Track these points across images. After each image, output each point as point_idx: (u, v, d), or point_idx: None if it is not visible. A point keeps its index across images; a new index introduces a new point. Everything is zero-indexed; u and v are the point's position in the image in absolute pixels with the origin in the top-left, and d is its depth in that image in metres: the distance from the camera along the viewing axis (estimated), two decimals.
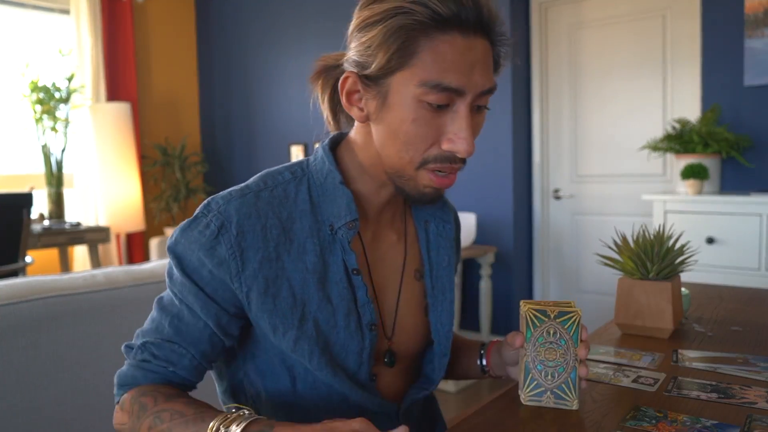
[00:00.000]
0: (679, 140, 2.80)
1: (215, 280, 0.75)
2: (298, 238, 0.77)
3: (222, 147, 4.96)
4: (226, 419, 0.66)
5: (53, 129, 3.75)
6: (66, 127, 3.81)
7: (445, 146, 0.73)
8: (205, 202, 0.78)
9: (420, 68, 0.70)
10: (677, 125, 2.87)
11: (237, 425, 0.65)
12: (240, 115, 4.80)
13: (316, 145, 0.87)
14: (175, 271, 0.77)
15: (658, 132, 3.10)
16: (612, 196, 3.38)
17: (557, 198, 3.58)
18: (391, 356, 0.84)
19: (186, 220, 0.78)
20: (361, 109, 0.77)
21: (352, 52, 0.75)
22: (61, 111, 3.79)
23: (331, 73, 0.84)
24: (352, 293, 0.79)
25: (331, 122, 0.88)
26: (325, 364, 0.77)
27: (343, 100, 0.77)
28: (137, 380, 0.78)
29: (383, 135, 0.75)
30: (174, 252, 0.77)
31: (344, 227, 0.78)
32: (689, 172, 2.69)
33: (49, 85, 3.71)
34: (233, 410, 0.67)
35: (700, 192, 2.70)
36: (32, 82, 3.67)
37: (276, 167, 0.83)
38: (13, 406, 1.00)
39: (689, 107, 3.04)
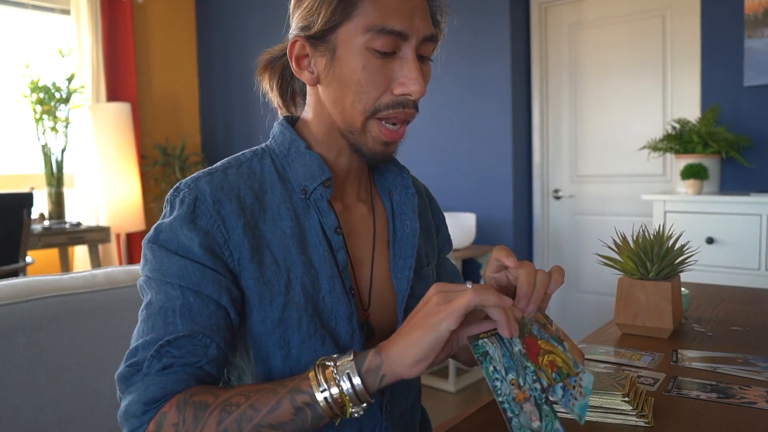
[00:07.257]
0: (678, 140, 2.80)
1: (208, 252, 0.72)
2: (271, 206, 0.78)
3: (222, 147, 4.96)
4: (324, 363, 0.65)
5: (53, 129, 3.75)
6: (66, 127, 3.81)
7: (397, 90, 0.75)
8: (173, 187, 0.77)
9: (363, 17, 0.73)
10: (677, 125, 2.87)
11: (345, 357, 0.65)
12: (240, 115, 4.80)
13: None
14: (166, 260, 0.72)
15: (658, 132, 3.10)
16: (612, 196, 3.38)
17: (557, 198, 3.58)
18: (369, 328, 0.83)
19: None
20: (312, 72, 0.79)
21: (296, 21, 0.79)
22: (62, 111, 3.78)
23: (277, 62, 0.88)
24: (332, 255, 0.79)
25: (282, 108, 0.91)
26: (314, 332, 0.75)
27: (293, 66, 0.80)
28: (168, 389, 0.66)
29: (335, 91, 0.77)
30: (157, 241, 0.73)
31: (320, 187, 0.80)
32: (689, 172, 2.69)
33: (49, 85, 3.71)
34: (325, 362, 0.66)
35: (700, 192, 2.70)
36: (32, 82, 3.67)
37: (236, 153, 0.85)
38: (13, 406, 1.00)
39: (689, 107, 3.04)
